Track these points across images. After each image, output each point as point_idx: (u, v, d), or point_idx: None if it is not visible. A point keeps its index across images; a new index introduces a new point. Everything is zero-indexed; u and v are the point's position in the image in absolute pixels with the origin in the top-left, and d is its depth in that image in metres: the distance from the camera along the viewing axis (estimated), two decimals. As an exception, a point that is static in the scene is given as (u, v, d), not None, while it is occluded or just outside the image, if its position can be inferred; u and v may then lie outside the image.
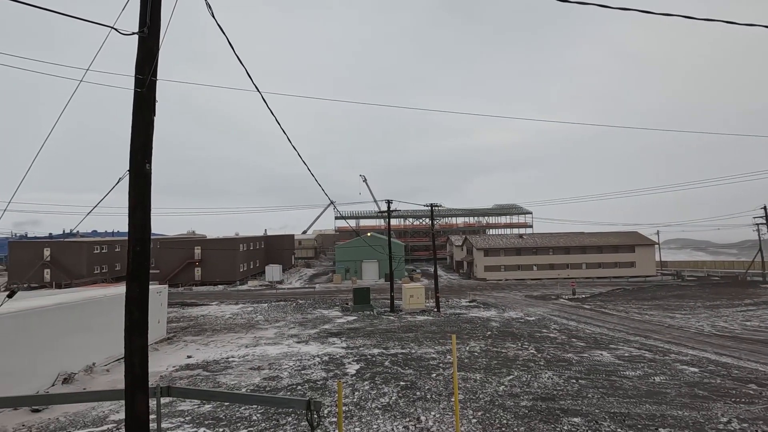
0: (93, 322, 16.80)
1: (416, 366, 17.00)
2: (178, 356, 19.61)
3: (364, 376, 15.63)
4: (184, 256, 60.67)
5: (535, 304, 38.98)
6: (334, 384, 14.58)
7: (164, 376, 16.32)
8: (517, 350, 19.87)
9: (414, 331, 25.10)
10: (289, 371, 16.56)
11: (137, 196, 6.46)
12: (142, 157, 6.50)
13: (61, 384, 14.55)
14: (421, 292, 36.01)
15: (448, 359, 18.04)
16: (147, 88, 6.48)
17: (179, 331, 25.94)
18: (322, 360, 18.24)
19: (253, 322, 29.56)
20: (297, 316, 31.73)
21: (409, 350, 20.00)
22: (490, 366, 16.93)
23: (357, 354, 19.28)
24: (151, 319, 21.97)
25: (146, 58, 6.45)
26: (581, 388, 13.86)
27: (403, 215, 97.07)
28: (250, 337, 23.98)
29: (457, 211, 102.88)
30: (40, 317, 14.22)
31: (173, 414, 11.61)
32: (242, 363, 18.11)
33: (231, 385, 14.82)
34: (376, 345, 21.28)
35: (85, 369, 15.80)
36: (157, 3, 6.58)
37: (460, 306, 37.71)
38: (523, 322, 28.82)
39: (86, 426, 11.08)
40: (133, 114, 6.47)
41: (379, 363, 17.55)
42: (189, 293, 52.29)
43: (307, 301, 40.69)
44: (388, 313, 33.69)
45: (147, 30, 6.45)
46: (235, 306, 38.45)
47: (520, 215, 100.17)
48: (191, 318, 31.83)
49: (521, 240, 69.53)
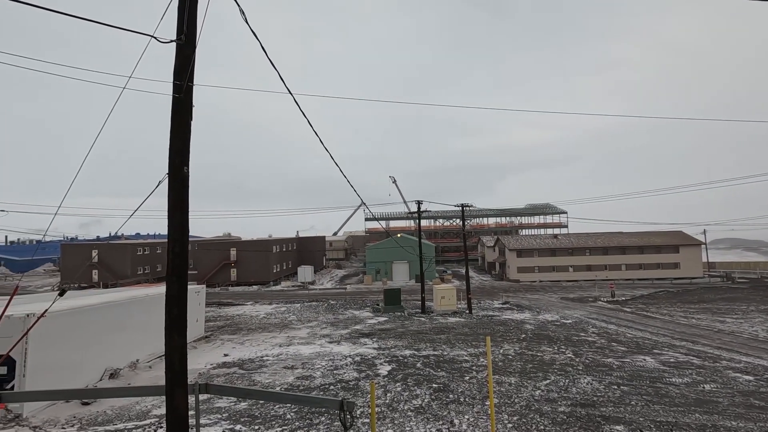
0: (136, 321, 17.58)
1: (449, 368, 16.77)
2: (216, 354, 20.21)
3: (396, 377, 15.57)
4: (221, 257, 62.64)
5: (571, 307, 37.70)
6: (366, 384, 14.59)
7: (202, 373, 16.85)
8: (554, 354, 19.24)
9: (446, 333, 24.81)
10: (322, 371, 16.72)
11: (175, 199, 6.66)
12: (179, 161, 6.70)
13: (107, 379, 15.30)
14: (453, 294, 35.58)
15: (481, 362, 17.70)
16: (184, 93, 6.68)
17: (216, 330, 26.76)
18: (354, 360, 18.31)
19: (287, 321, 30.09)
20: (329, 317, 32.06)
21: (441, 352, 19.77)
22: (526, 370, 16.47)
23: (389, 355, 19.24)
24: (190, 318, 22.76)
25: (183, 64, 6.65)
26: (623, 395, 13.24)
27: (434, 216, 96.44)
28: (284, 337, 24.41)
29: (488, 211, 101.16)
30: (88, 315, 15.01)
31: (211, 410, 11.95)
32: (276, 362, 18.45)
33: (266, 384, 15.11)
34: (407, 346, 21.17)
35: (129, 365, 16.55)
36: (194, 12, 6.78)
37: (493, 308, 36.99)
38: (559, 324, 27.91)
39: (131, 420, 11.58)
40: (171, 119, 6.68)
41: (411, 364, 17.43)
42: (225, 293, 53.92)
43: (338, 302, 41.07)
44: (419, 314, 33.49)
45: (184, 38, 6.66)
46: (269, 306, 39.30)
47: (554, 215, 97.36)
48: (227, 317, 32.78)
49: (556, 240, 67.52)
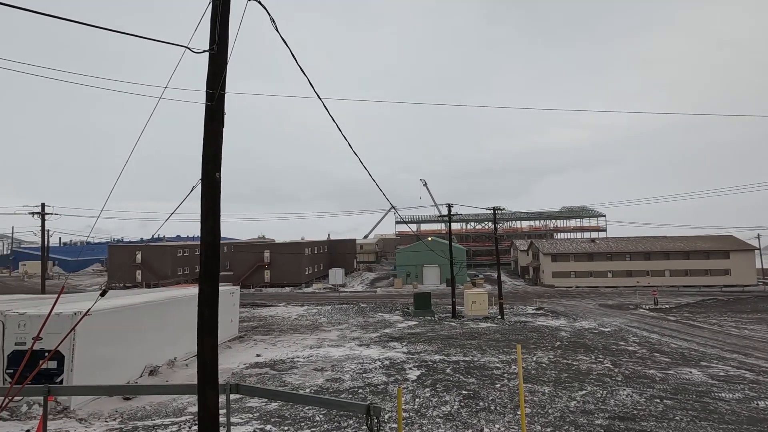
0: (174, 320, 18.27)
1: (479, 375, 16.43)
2: (249, 354, 20.71)
3: (425, 382, 15.41)
4: (255, 259, 64.33)
5: (610, 314, 36.17)
6: (395, 389, 14.52)
7: (236, 372, 17.30)
8: (591, 363, 18.48)
9: (476, 339, 24.35)
10: (351, 374, 16.79)
11: (208, 203, 6.87)
12: (212, 167, 6.91)
13: (147, 375, 15.98)
14: (484, 298, 34.93)
15: (513, 369, 17.23)
16: (216, 101, 6.90)
17: (250, 331, 27.44)
18: (383, 364, 18.27)
19: (317, 323, 30.47)
20: (359, 320, 32.21)
21: (472, 358, 19.41)
22: (560, 379, 15.90)
23: (418, 360, 19.08)
24: (225, 319, 23.46)
25: (215, 73, 6.88)
26: (667, 409, 12.52)
27: (465, 219, 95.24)
28: (314, 339, 24.72)
29: (521, 214, 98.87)
30: (130, 314, 15.75)
31: (242, 410, 12.23)
32: (307, 363, 18.69)
33: (296, 385, 15.33)
34: (437, 351, 20.93)
35: (167, 363, 17.23)
36: (225, 22, 7.00)
37: (526, 314, 36.02)
38: (596, 332, 26.81)
39: (167, 416, 12.03)
40: (204, 126, 6.90)
41: (440, 370, 17.21)
42: (259, 294, 55.28)
43: (368, 305, 41.21)
44: (449, 318, 33.08)
45: (216, 47, 6.88)
46: (301, 308, 39.95)
47: (591, 218, 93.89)
48: (261, 318, 33.56)
49: (593, 245, 65.07)
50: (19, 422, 11.06)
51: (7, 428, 10.38)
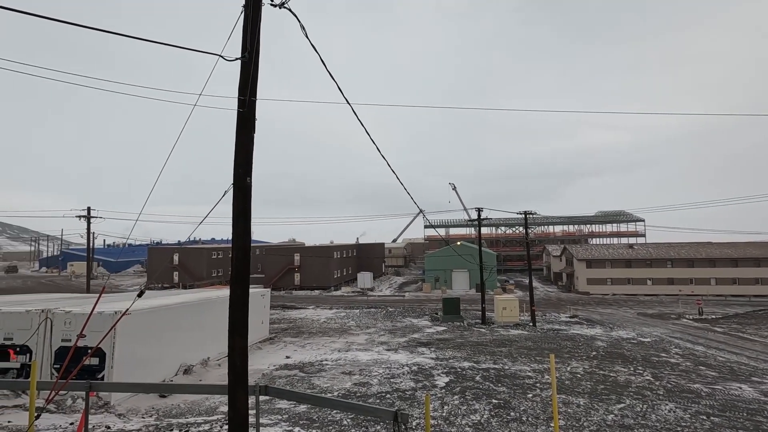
0: (207, 320, 18.80)
1: (510, 383, 15.99)
2: (278, 356, 21.02)
3: (453, 389, 15.14)
4: (285, 262, 65.48)
5: (650, 323, 34.50)
6: (423, 395, 14.34)
7: (266, 373, 17.58)
8: (629, 375, 17.64)
9: (507, 346, 23.77)
10: (379, 378, 16.72)
11: (239, 208, 7.02)
12: (243, 172, 7.06)
13: (182, 374, 16.49)
14: (515, 305, 34.09)
15: (546, 379, 16.68)
16: (247, 107, 7.05)
17: (280, 332, 27.88)
18: (411, 370, 18.11)
19: (346, 327, 30.60)
20: (387, 324, 32.13)
21: (502, 366, 18.94)
22: (596, 391, 15.25)
23: (446, 366, 18.80)
24: (255, 320, 23.96)
25: (247, 80, 7.03)
26: (714, 427, 11.75)
27: (495, 224, 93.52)
28: (343, 342, 24.83)
29: (554, 218, 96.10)
30: (166, 314, 16.32)
31: (272, 411, 12.39)
32: (335, 367, 18.77)
33: (324, 388, 15.41)
34: (466, 358, 20.56)
35: (201, 362, 17.72)
36: (256, 30, 7.15)
37: (559, 321, 34.88)
38: (635, 343, 25.60)
39: (200, 414, 12.34)
40: (236, 132, 7.07)
41: (469, 377, 16.88)
42: (289, 296, 56.19)
43: (396, 309, 41.07)
44: (479, 325, 32.48)
45: (247, 55, 7.04)
46: (329, 311, 40.27)
47: (629, 223, 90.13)
48: (290, 320, 34.06)
49: (631, 251, 62.38)
50: (64, 415, 11.63)
51: (52, 420, 10.93)
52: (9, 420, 10.78)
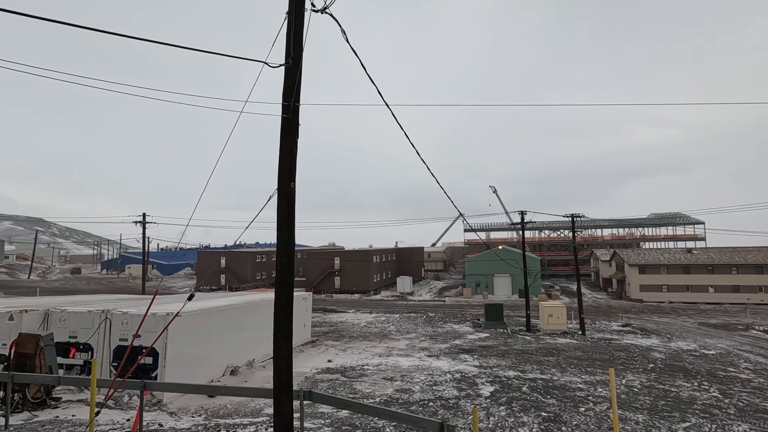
0: (252, 323, 19.28)
1: (559, 396, 15.20)
2: (320, 359, 21.21)
3: (499, 400, 14.59)
4: (326, 266, 66.46)
5: (713, 334, 31.91)
6: (467, 405, 13.91)
7: (308, 377, 17.75)
8: (693, 391, 16.29)
9: (555, 355, 22.71)
10: (421, 385, 16.42)
11: (283, 213, 7.05)
12: (287, 177, 7.09)
13: (228, 375, 16.97)
14: (562, 312, 32.63)
15: (599, 392, 15.72)
16: (291, 113, 7.10)
17: (321, 336, 28.19)
18: (454, 377, 17.66)
19: (386, 332, 30.48)
20: (428, 329, 31.70)
21: (550, 376, 18.08)
22: (656, 407, 14.17)
23: (491, 374, 18.19)
24: (298, 324, 24.34)
25: (291, 86, 7.08)
26: (797, 453, 10.54)
27: (539, 227, 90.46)
28: (383, 347, 24.70)
29: (602, 221, 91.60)
30: (214, 316, 16.88)
31: (315, 415, 12.43)
32: (376, 372, 18.66)
33: (366, 393, 15.32)
34: (511, 366, 19.82)
35: (246, 364, 18.18)
36: (299, 36, 7.20)
37: (610, 330, 33.00)
38: (698, 355, 23.71)
39: (246, 415, 12.59)
40: (280, 138, 7.13)
41: (515, 387, 16.22)
42: (330, 300, 56.91)
43: (437, 314, 40.49)
44: (523, 332, 31.34)
45: (291, 61, 7.10)
46: (369, 315, 40.34)
47: (686, 226, 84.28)
48: (331, 324, 34.40)
49: (690, 255, 58.20)
50: (121, 411, 12.24)
51: (111, 416, 11.52)
52: (73, 414, 11.47)
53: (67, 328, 14.45)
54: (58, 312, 14.73)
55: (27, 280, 74.63)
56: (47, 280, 78.62)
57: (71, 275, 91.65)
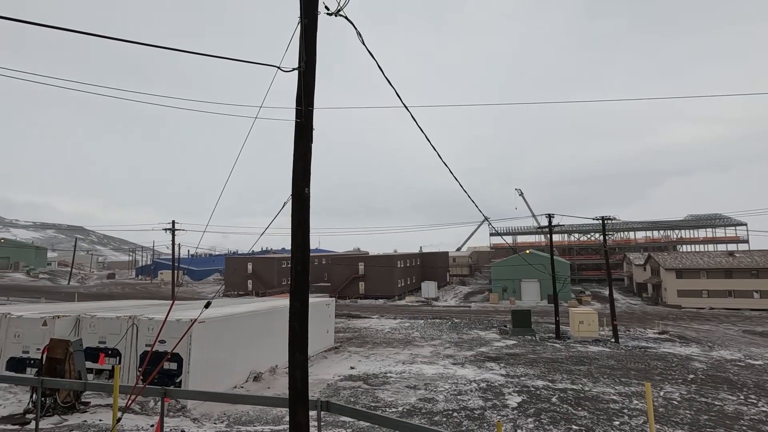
0: (275, 329, 19.32)
1: (592, 408, 14.46)
2: (343, 366, 21.05)
3: (527, 411, 14.00)
4: (350, 271, 66.60)
5: (760, 343, 29.94)
6: (493, 416, 13.40)
7: (330, 384, 17.60)
8: (739, 405, 15.19)
9: (586, 364, 21.76)
10: (445, 395, 15.99)
11: (298, 218, 6.91)
12: (301, 182, 6.96)
13: (252, 381, 17.02)
14: (594, 318, 31.37)
15: (634, 404, 14.87)
16: (305, 117, 6.98)
17: (345, 342, 28.06)
18: (480, 386, 17.13)
19: (410, 338, 30.07)
20: (452, 336, 31.10)
21: (582, 387, 17.27)
22: (699, 422, 13.26)
23: (518, 384, 17.55)
24: (321, 329, 24.30)
25: (304, 90, 6.97)
26: None
27: (567, 230, 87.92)
28: (407, 354, 24.33)
29: (635, 224, 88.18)
30: (237, 322, 17.00)
31: (335, 424, 12.23)
32: (399, 380, 18.33)
33: (388, 402, 15.02)
34: (539, 376, 19.08)
35: (269, 370, 18.20)
36: (312, 40, 7.09)
37: (646, 338, 31.48)
38: (743, 365, 22.23)
39: (267, 423, 12.53)
40: (294, 142, 7.01)
41: (544, 398, 15.56)
42: (354, 305, 56.89)
43: (462, 321, 39.74)
44: (552, 339, 30.28)
45: (305, 65, 6.99)
46: (394, 321, 39.99)
47: (727, 228, 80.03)
48: (355, 329, 34.26)
49: (732, 259, 55.12)
50: (146, 416, 12.40)
51: (136, 421, 11.67)
52: (100, 419, 11.69)
53: (97, 333, 14.84)
54: (89, 318, 15.16)
55: (67, 286, 78.11)
56: (85, 285, 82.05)
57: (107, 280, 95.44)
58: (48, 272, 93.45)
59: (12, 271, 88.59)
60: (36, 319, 14.96)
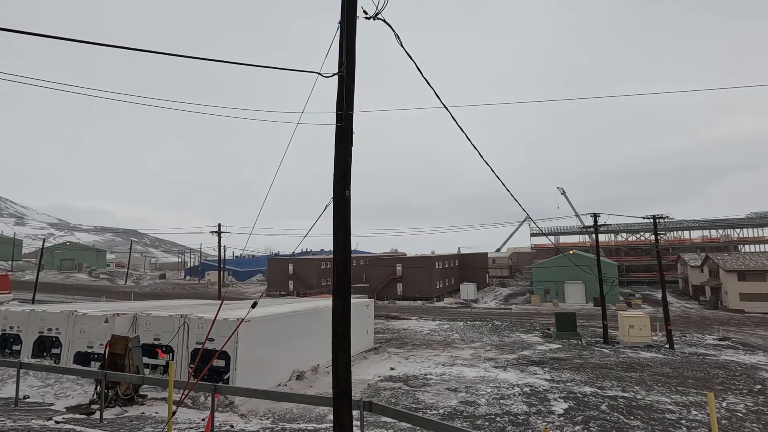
0: (316, 329, 19.70)
1: (645, 417, 13.70)
2: (383, 367, 21.13)
3: (574, 418, 13.47)
4: (388, 272, 66.77)
5: (839, 353, 27.20)
6: (538, 422, 13.00)
7: (371, 384, 17.72)
8: (815, 419, 13.88)
9: (638, 371, 20.66)
10: (487, 398, 15.69)
11: (339, 221, 7.03)
12: (342, 185, 7.08)
13: (295, 379, 17.45)
14: (645, 323, 29.72)
15: (693, 415, 13.95)
16: (345, 121, 7.09)
17: (384, 343, 28.17)
18: (523, 391, 16.67)
19: (449, 340, 29.75)
20: (493, 338, 30.46)
21: (634, 395, 16.41)
22: (767, 436, 12.24)
23: (564, 390, 16.92)
24: (360, 330, 24.52)
25: (344, 94, 7.09)
26: None
27: (614, 230, 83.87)
28: (447, 356, 24.08)
29: (690, 222, 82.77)
30: (280, 322, 17.49)
31: (377, 424, 12.31)
32: (439, 382, 18.18)
33: (429, 404, 14.93)
34: (587, 382, 18.31)
35: (311, 369, 18.59)
36: (351, 44, 7.20)
37: (705, 344, 29.46)
38: (819, 377, 20.29)
39: (311, 421, 12.79)
40: (335, 146, 7.15)
41: (593, 405, 14.91)
42: (392, 306, 57.00)
43: (503, 323, 38.83)
44: (600, 344, 28.98)
45: (344, 69, 7.11)
46: (432, 322, 39.70)
47: (797, 225, 73.43)
48: (394, 330, 34.31)
49: (803, 259, 50.50)
50: (198, 410, 13.00)
51: (189, 415, 12.26)
52: (156, 411, 12.38)
53: (152, 330, 15.74)
54: (144, 316, 16.11)
55: (124, 286, 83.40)
56: (140, 285, 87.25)
57: (159, 280, 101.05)
58: (107, 273, 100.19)
59: (76, 272, 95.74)
60: (99, 317, 16.09)
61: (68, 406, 12.89)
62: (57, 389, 14.39)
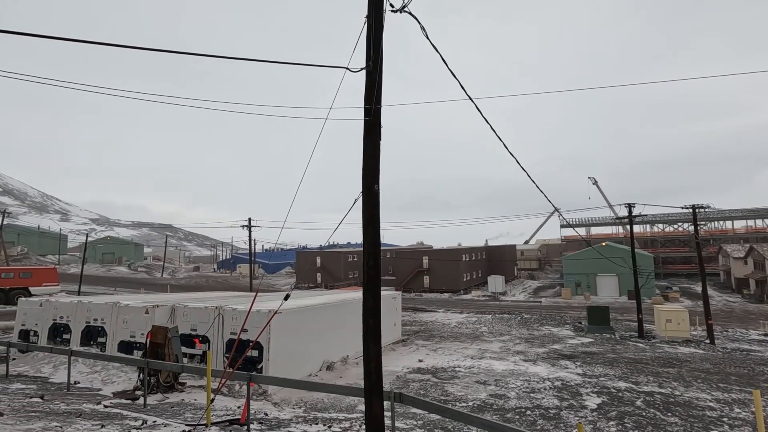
0: (345, 320, 19.99)
1: (684, 414, 13.26)
2: (411, 359, 21.27)
3: (608, 413, 13.19)
4: (415, 265, 66.81)
5: None
6: (570, 416, 12.81)
7: (400, 376, 17.89)
8: None
9: (676, 367, 19.96)
10: (517, 392, 15.55)
11: (368, 215, 7.11)
12: (371, 179, 7.14)
13: (325, 370, 17.81)
14: (684, 317, 28.61)
15: (736, 413, 13.40)
16: (373, 115, 7.13)
17: (412, 335, 28.29)
18: (554, 385, 16.42)
19: (478, 333, 29.57)
20: (522, 331, 30.07)
21: (671, 391, 15.89)
22: (818, 437, 11.61)
23: (596, 384, 16.57)
24: (389, 322, 24.70)
25: (372, 89, 7.12)
26: None
27: (651, 221, 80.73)
28: (475, 349, 23.97)
29: (733, 212, 78.68)
30: (310, 314, 17.86)
31: (407, 415, 12.44)
32: (468, 375, 18.14)
33: (458, 396, 14.95)
34: (621, 377, 17.86)
35: (341, 360, 18.92)
36: (379, 38, 7.20)
37: (748, 340, 28.12)
38: None
39: (341, 411, 13.07)
40: (363, 140, 7.20)
41: (627, 401, 14.54)
42: (419, 299, 57.07)
43: (532, 316, 38.24)
44: (635, 338, 28.13)
45: (372, 64, 7.13)
46: (460, 315, 39.54)
47: None
48: (422, 323, 34.38)
49: None
50: (233, 398, 13.52)
51: (225, 402, 12.77)
52: (195, 398, 12.95)
53: (189, 321, 16.39)
54: (182, 307, 16.79)
55: (160, 278, 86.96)
56: (176, 278, 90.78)
57: (193, 273, 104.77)
58: (145, 266, 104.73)
59: (116, 265, 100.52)
60: (140, 308, 16.89)
61: (115, 391, 13.66)
62: (104, 375, 15.26)
